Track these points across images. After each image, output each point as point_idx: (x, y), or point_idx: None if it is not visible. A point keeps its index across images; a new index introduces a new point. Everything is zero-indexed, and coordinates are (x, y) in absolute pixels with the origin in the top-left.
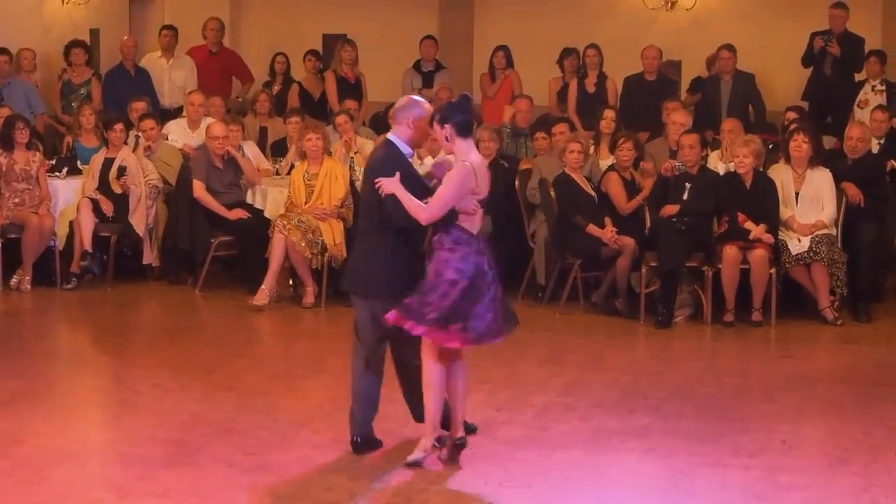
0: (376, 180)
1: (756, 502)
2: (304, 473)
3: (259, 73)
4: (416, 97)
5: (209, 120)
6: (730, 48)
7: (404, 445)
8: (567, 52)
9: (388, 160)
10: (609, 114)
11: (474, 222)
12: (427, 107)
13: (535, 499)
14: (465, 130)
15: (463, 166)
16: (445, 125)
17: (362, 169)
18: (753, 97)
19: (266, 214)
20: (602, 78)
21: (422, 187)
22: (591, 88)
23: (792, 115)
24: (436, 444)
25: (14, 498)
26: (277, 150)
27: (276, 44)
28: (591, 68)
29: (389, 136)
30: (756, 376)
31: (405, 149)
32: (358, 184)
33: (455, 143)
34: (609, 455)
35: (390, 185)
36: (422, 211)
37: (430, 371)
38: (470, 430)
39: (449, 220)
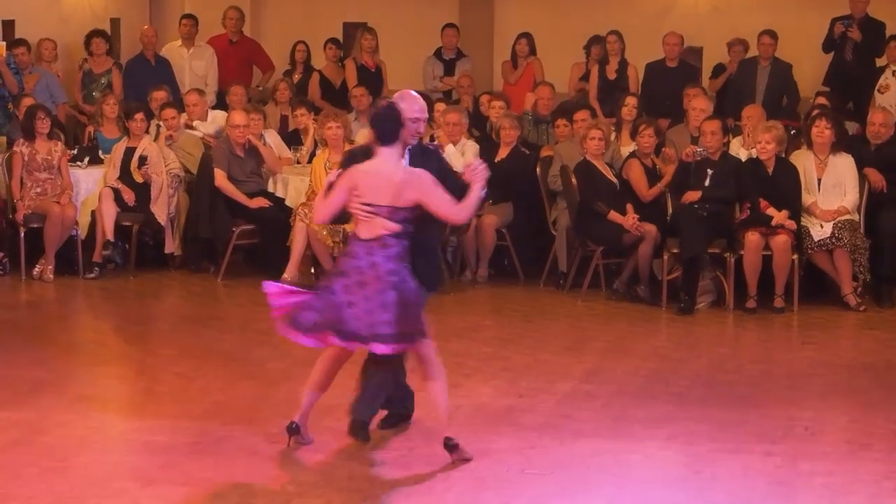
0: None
1: (778, 489)
2: (326, 461)
3: (279, 61)
4: (412, 92)
5: (216, 113)
6: (771, 34)
7: (419, 435)
8: (595, 40)
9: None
10: (631, 101)
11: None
12: (417, 102)
13: (557, 486)
14: (383, 139)
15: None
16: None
17: None
18: (789, 86)
19: (287, 203)
20: (623, 65)
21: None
22: (611, 75)
23: (822, 99)
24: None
25: (37, 487)
26: (290, 140)
27: (297, 32)
28: (613, 55)
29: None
30: (778, 363)
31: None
32: None
33: (384, 149)
34: (631, 442)
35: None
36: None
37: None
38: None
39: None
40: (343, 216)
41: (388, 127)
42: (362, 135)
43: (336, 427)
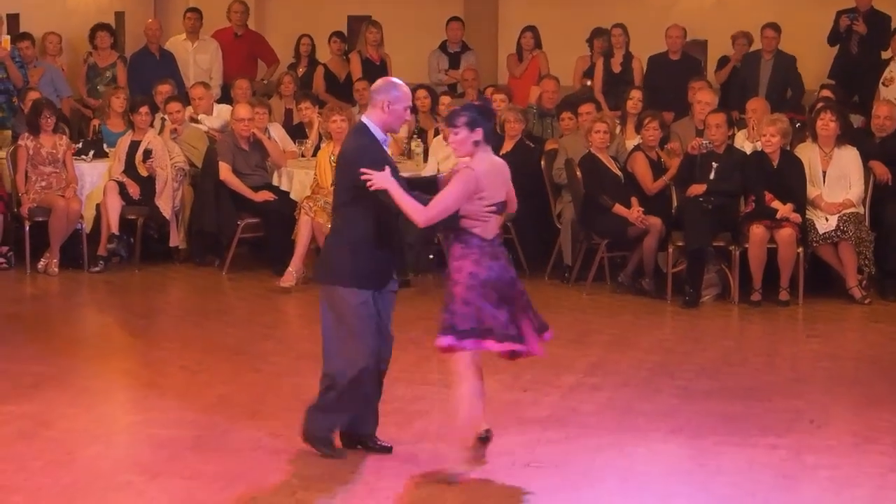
0: (363, 173)
1: (783, 482)
2: (331, 454)
3: (284, 55)
4: (395, 79)
5: (222, 107)
6: (774, 27)
7: (433, 427)
8: (598, 32)
9: (365, 150)
10: (636, 94)
11: (488, 228)
12: (405, 90)
13: (562, 479)
14: (488, 139)
15: (468, 174)
16: (477, 129)
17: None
18: (792, 79)
19: (292, 196)
20: (628, 58)
21: (398, 177)
22: (616, 68)
23: (827, 92)
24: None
25: (42, 480)
26: (295, 133)
27: (301, 26)
28: (617, 48)
29: (363, 119)
30: (783, 356)
31: (379, 134)
32: None
33: (478, 150)
34: (636, 435)
35: (382, 180)
36: (419, 214)
37: (466, 382)
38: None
39: (456, 226)
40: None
41: (491, 125)
42: None
43: None
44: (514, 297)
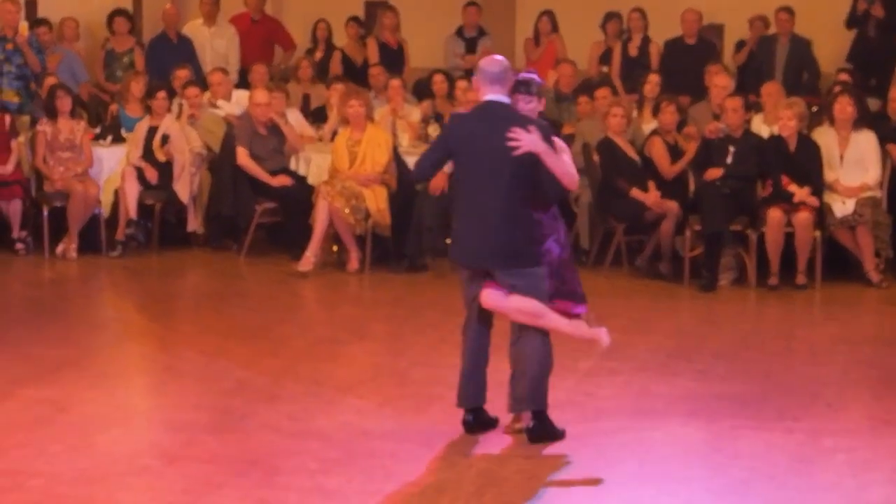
0: (516, 135)
1: (800, 465)
2: (348, 439)
3: (301, 40)
4: (500, 57)
5: (240, 93)
6: (788, 10)
7: (441, 412)
8: (610, 16)
9: (535, 122)
10: (653, 78)
11: None
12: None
13: (579, 463)
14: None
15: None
16: (542, 99)
17: (406, 135)
18: (808, 62)
19: (309, 181)
20: (646, 42)
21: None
22: (634, 52)
23: (844, 76)
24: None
25: (61, 464)
26: (317, 116)
27: (318, 10)
28: (636, 32)
29: (501, 98)
30: (800, 339)
31: None
32: (402, 150)
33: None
34: (653, 419)
35: (532, 143)
36: (573, 178)
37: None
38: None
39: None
40: None
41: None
42: (380, 113)
43: (357, 404)
44: None
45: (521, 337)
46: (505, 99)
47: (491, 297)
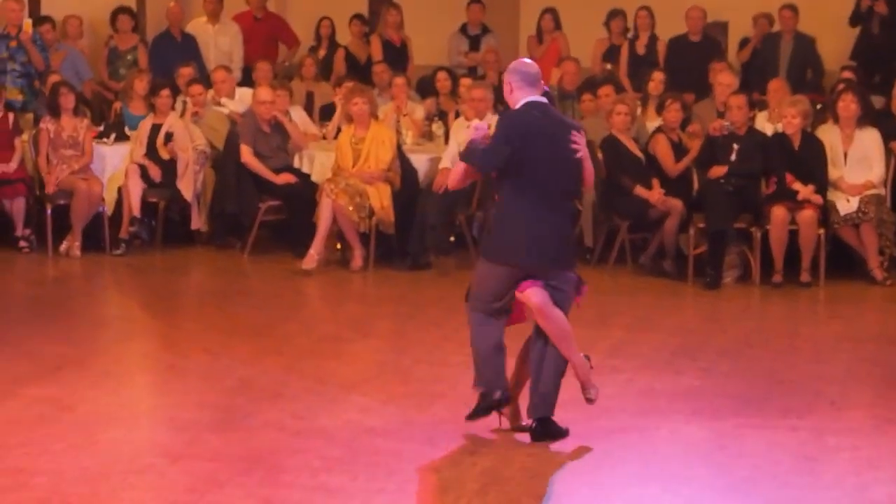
0: (577, 139)
1: (804, 463)
2: (352, 437)
3: (305, 37)
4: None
5: (244, 90)
6: (791, 7)
7: (445, 410)
8: (614, 14)
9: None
10: (658, 76)
11: None
12: None
13: (583, 460)
14: None
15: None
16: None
17: (410, 133)
18: (812, 60)
19: (313, 179)
20: (653, 40)
21: None
22: (641, 50)
23: (848, 73)
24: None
25: (64, 463)
26: (326, 114)
27: (322, 8)
28: (643, 30)
29: (542, 99)
30: (804, 337)
31: None
32: (405, 147)
33: None
34: (656, 417)
35: (585, 148)
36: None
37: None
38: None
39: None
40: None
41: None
42: (384, 110)
43: (361, 402)
44: None
45: (547, 344)
46: (544, 100)
47: (538, 295)
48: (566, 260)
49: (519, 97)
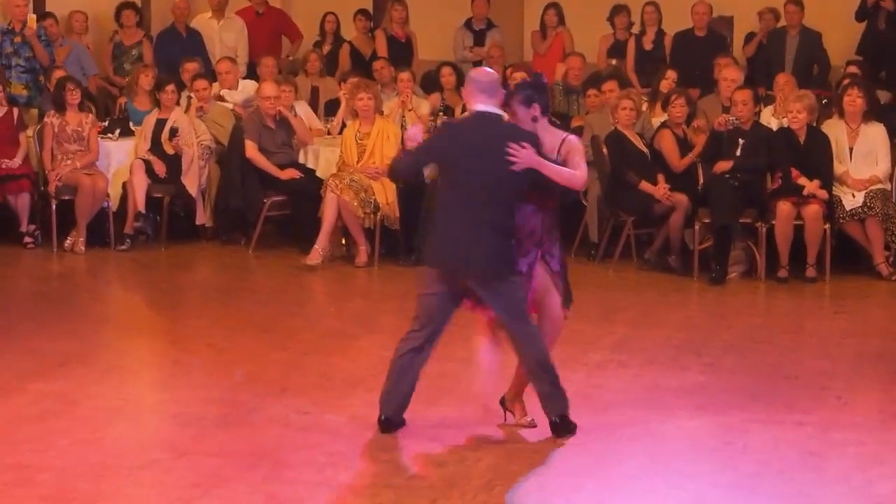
0: (513, 152)
1: (810, 459)
2: (358, 433)
3: (309, 32)
4: (490, 69)
5: (246, 82)
6: (797, 2)
7: (450, 406)
8: (618, 9)
9: (526, 135)
10: (671, 74)
11: None
12: None
13: (588, 456)
14: (546, 111)
15: (576, 139)
16: (533, 105)
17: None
18: (818, 55)
19: (318, 174)
20: (660, 35)
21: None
22: (648, 46)
23: (853, 68)
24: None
25: (70, 458)
26: (331, 109)
27: (326, 3)
28: (650, 25)
29: (490, 109)
30: (810, 332)
31: None
32: None
33: (541, 121)
34: (662, 412)
35: (529, 158)
36: (577, 179)
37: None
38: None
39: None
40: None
41: (546, 98)
42: (389, 106)
43: (366, 398)
44: None
45: (520, 345)
46: (495, 109)
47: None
48: (494, 271)
49: (472, 105)
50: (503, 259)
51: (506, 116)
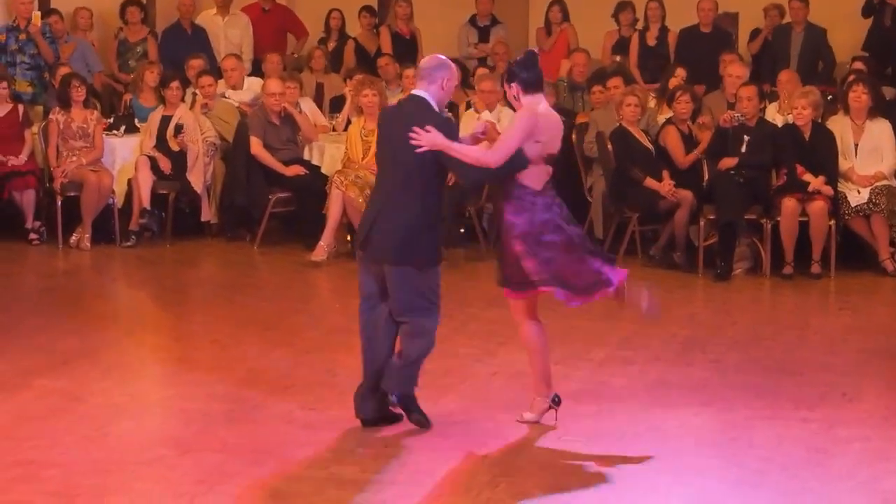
0: (415, 135)
1: (815, 455)
2: (362, 429)
3: (314, 29)
4: (443, 56)
5: (252, 80)
6: None
7: (455, 403)
8: (622, 6)
9: (448, 126)
10: (680, 72)
11: (538, 176)
12: (455, 69)
13: (594, 453)
14: (530, 87)
15: (528, 111)
16: (512, 83)
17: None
18: (823, 51)
19: (323, 171)
20: (664, 31)
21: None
22: (652, 42)
23: (859, 64)
24: (552, 403)
25: (75, 455)
26: (336, 106)
27: (331, 0)
28: (654, 21)
29: (420, 93)
30: (815, 329)
31: (437, 109)
32: None
33: (521, 100)
34: (667, 409)
35: (431, 139)
36: (486, 157)
37: (531, 332)
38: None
39: (505, 175)
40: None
41: (534, 75)
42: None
43: None
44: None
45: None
46: (426, 94)
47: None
48: (394, 256)
49: (413, 90)
50: (407, 245)
51: (433, 101)
